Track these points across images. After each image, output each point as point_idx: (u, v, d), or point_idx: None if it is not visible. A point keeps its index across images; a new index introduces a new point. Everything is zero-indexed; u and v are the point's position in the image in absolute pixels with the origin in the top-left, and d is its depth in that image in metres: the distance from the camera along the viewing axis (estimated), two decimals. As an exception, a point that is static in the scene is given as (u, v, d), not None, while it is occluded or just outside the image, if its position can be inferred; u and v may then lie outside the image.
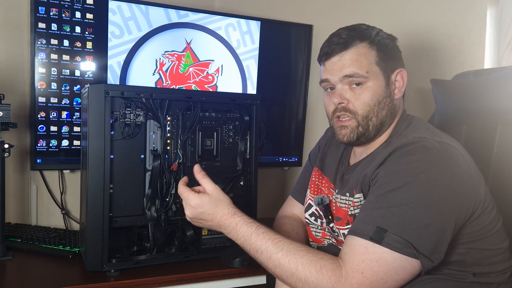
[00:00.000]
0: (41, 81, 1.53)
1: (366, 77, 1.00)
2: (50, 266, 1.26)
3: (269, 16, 1.89)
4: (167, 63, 1.71)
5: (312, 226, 1.17)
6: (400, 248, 0.83)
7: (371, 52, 1.01)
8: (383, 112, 1.02)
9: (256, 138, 1.34)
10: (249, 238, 0.96)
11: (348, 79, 1.01)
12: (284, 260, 0.90)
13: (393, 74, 1.04)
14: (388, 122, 1.04)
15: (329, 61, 1.03)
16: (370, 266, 0.84)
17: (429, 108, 1.42)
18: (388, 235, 0.84)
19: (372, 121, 1.01)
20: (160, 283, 1.18)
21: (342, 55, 1.01)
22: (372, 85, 1.00)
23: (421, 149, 0.90)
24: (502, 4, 1.42)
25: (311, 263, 0.88)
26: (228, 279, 1.26)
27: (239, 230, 0.98)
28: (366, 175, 0.97)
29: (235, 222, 0.99)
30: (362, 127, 1.02)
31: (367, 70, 1.00)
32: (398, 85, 1.04)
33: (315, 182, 1.19)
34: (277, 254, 0.91)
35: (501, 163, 1.11)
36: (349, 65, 1.00)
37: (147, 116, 1.22)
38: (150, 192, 1.21)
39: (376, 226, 0.85)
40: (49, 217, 1.67)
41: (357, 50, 1.01)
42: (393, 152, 0.93)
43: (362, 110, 1.01)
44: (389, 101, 1.02)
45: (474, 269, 0.93)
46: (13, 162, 1.59)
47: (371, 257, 0.84)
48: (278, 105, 1.93)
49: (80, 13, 1.56)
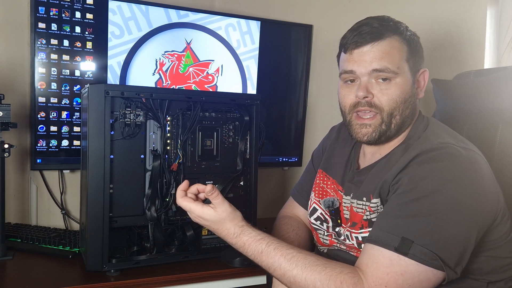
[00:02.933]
0: (41, 81, 1.53)
1: (396, 73, 0.94)
2: (50, 266, 1.26)
3: (269, 16, 1.89)
4: (167, 63, 1.71)
5: (319, 231, 1.13)
6: (426, 261, 0.80)
7: (403, 47, 0.96)
8: (407, 111, 0.97)
9: (256, 138, 1.34)
10: (260, 257, 0.92)
11: (377, 73, 0.95)
12: (300, 277, 0.85)
13: (419, 73, 1.00)
14: (408, 122, 0.99)
15: (359, 50, 0.96)
16: (395, 279, 0.80)
17: (429, 108, 1.42)
18: (415, 246, 0.80)
19: (396, 119, 0.96)
20: (160, 283, 1.18)
21: (374, 45, 0.94)
22: (400, 82, 0.95)
23: (447, 156, 0.87)
24: (502, 4, 1.42)
25: (330, 279, 0.83)
26: (228, 279, 1.26)
27: (247, 249, 0.94)
28: (386, 180, 0.92)
29: (242, 241, 0.95)
30: (385, 125, 0.96)
31: (398, 66, 0.94)
32: (422, 85, 1.01)
33: (320, 185, 1.15)
34: (291, 272, 0.86)
35: (502, 163, 1.10)
36: (381, 57, 0.94)
37: (147, 116, 1.22)
38: (150, 192, 1.21)
39: (402, 237, 0.81)
40: (49, 217, 1.67)
41: (390, 43, 0.95)
42: (416, 157, 0.89)
43: (388, 106, 0.95)
44: (413, 100, 0.98)
45: (490, 277, 0.91)
46: (13, 162, 1.59)
47: (396, 269, 0.80)
48: (278, 105, 1.92)
49: (80, 13, 1.56)
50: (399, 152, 0.96)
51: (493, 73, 1.19)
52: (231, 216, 0.97)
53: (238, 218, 0.97)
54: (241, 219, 0.98)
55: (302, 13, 1.96)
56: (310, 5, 1.96)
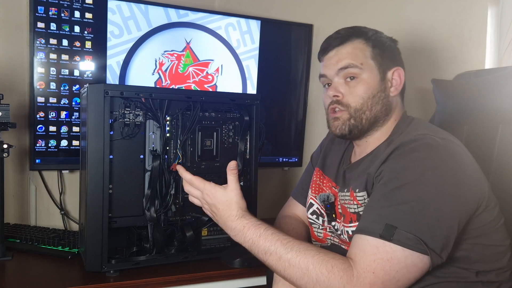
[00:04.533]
0: (40, 81, 1.52)
1: (360, 69, 1.02)
2: (49, 267, 1.26)
3: (269, 16, 1.89)
4: (167, 62, 1.70)
5: (314, 225, 1.17)
6: (411, 245, 0.82)
7: (367, 47, 1.04)
8: (377, 106, 1.03)
9: (256, 138, 1.33)
10: (258, 240, 0.94)
11: (343, 71, 1.03)
12: (295, 261, 0.88)
13: (390, 71, 1.05)
14: (383, 117, 1.04)
15: (327, 56, 1.07)
16: (382, 266, 0.82)
17: (430, 108, 1.41)
18: (398, 232, 0.83)
19: (366, 114, 1.02)
20: (159, 284, 1.18)
21: (338, 50, 1.05)
22: (366, 78, 1.02)
23: (425, 146, 0.90)
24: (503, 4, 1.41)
25: (322, 263, 0.86)
26: (228, 280, 1.26)
27: (247, 233, 0.97)
28: (369, 173, 0.97)
29: (242, 224, 0.98)
30: (354, 119, 1.03)
31: (362, 62, 1.02)
32: (395, 83, 1.05)
33: (316, 182, 1.19)
34: (287, 255, 0.90)
35: (502, 163, 1.10)
36: (345, 57, 1.03)
37: (146, 116, 1.22)
38: (150, 193, 1.21)
39: (385, 224, 0.84)
40: (48, 218, 1.67)
41: (353, 45, 1.04)
42: (395, 150, 0.93)
43: (355, 103, 1.02)
44: (384, 96, 1.04)
45: (478, 266, 0.93)
46: (12, 162, 1.58)
47: (382, 256, 0.83)
48: (278, 105, 1.92)
49: (79, 12, 1.56)
50: (383, 147, 1.01)
51: (494, 73, 1.19)
52: (238, 198, 1.02)
53: (243, 204, 1.03)
54: (245, 207, 1.02)
55: (302, 12, 1.95)
56: (310, 5, 1.96)
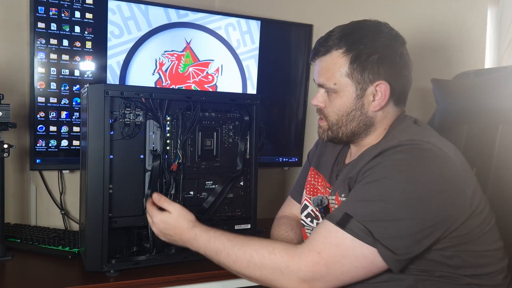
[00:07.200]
0: (40, 81, 1.53)
1: (333, 89, 1.01)
2: (49, 267, 1.26)
3: (269, 16, 1.89)
4: (167, 63, 1.70)
5: (307, 228, 1.16)
6: (361, 236, 0.84)
7: (345, 63, 0.99)
8: (352, 123, 1.02)
9: (256, 138, 1.33)
10: (209, 243, 1.00)
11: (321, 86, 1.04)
12: (239, 252, 0.94)
13: (372, 86, 0.99)
14: (363, 132, 1.03)
15: (313, 63, 1.07)
16: (329, 249, 0.86)
17: (430, 108, 1.41)
18: (352, 222, 0.85)
19: (342, 129, 1.03)
20: (160, 284, 1.18)
21: (320, 61, 1.03)
22: (341, 96, 1.01)
23: (406, 149, 0.90)
24: (503, 4, 1.42)
25: (263, 247, 0.91)
26: (228, 280, 1.25)
27: (199, 239, 1.02)
28: (351, 177, 0.97)
29: (194, 233, 1.03)
30: (331, 132, 1.05)
31: (335, 81, 1.00)
32: (378, 97, 1.00)
33: (311, 182, 1.19)
34: (233, 249, 0.95)
35: (502, 162, 1.10)
36: (321, 74, 1.03)
37: (146, 116, 1.22)
38: (150, 193, 1.21)
39: (344, 212, 0.87)
40: (49, 218, 1.67)
41: (331, 58, 1.01)
42: (378, 155, 0.92)
43: (331, 117, 1.04)
44: (360, 114, 1.01)
45: (465, 271, 0.91)
46: (12, 162, 1.58)
47: (331, 240, 0.86)
48: (278, 105, 1.92)
49: (80, 12, 1.56)
50: (368, 151, 1.00)
51: (493, 73, 1.19)
52: (183, 213, 1.07)
53: (191, 216, 1.07)
54: (194, 218, 1.07)
55: (302, 13, 1.95)
56: (310, 5, 1.96)
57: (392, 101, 1.02)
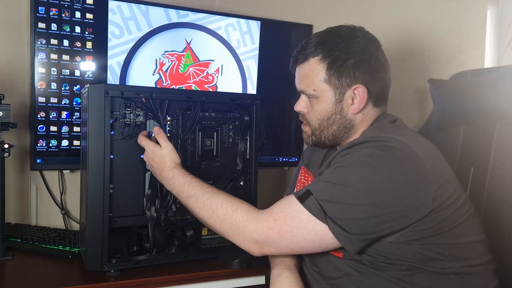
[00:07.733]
0: (41, 81, 1.53)
1: (313, 95, 1.04)
2: (50, 266, 1.26)
3: (269, 16, 1.89)
4: (167, 63, 1.71)
5: None
6: (314, 212, 0.89)
7: (322, 69, 1.02)
8: (333, 127, 1.05)
9: (256, 138, 1.34)
10: (183, 186, 1.07)
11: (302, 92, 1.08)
12: (207, 202, 1.01)
13: (350, 90, 1.02)
14: (344, 134, 1.06)
15: (294, 70, 1.10)
16: (285, 218, 0.92)
17: (429, 108, 1.42)
18: (311, 199, 0.90)
19: (324, 133, 1.07)
20: (160, 283, 1.18)
21: (300, 68, 1.07)
22: (321, 101, 1.04)
23: (372, 145, 0.93)
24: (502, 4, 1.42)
25: (229, 204, 0.99)
26: (227, 279, 1.26)
27: (175, 181, 1.09)
28: (321, 171, 1.02)
29: (173, 173, 1.11)
30: (315, 136, 1.08)
31: (314, 88, 1.04)
32: (357, 100, 1.02)
33: (301, 181, 1.20)
34: (202, 197, 1.03)
35: (499, 162, 1.11)
36: (301, 80, 1.06)
37: (147, 116, 1.22)
38: (150, 192, 1.21)
39: (307, 189, 0.93)
40: (49, 217, 1.67)
41: (309, 65, 1.04)
42: (348, 148, 0.96)
43: (314, 122, 1.07)
44: (340, 117, 1.04)
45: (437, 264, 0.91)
46: (13, 162, 1.59)
47: (289, 211, 0.92)
48: (278, 105, 1.92)
49: (80, 13, 1.56)
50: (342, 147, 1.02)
51: (491, 73, 1.19)
52: (171, 154, 1.14)
53: (177, 159, 1.14)
54: (179, 161, 1.14)
55: (302, 13, 1.95)
56: (310, 5, 1.96)
57: (371, 103, 1.05)
